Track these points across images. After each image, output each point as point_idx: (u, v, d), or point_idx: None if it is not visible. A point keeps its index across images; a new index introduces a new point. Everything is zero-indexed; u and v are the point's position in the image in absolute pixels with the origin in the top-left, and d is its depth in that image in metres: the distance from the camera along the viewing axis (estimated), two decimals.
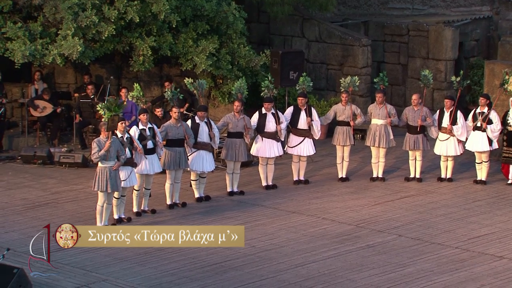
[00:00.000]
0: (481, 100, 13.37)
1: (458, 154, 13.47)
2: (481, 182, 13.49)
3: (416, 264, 10.17)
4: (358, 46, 16.74)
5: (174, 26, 14.88)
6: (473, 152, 13.54)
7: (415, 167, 13.64)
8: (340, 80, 13.88)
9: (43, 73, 16.29)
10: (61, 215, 11.99)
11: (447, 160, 13.58)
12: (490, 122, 13.23)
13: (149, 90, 16.45)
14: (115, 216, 11.52)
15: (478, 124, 13.28)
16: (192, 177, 12.54)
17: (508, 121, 13.29)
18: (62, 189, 13.24)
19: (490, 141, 13.26)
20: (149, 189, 12.04)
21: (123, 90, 14.81)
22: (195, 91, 13.02)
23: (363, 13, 18.81)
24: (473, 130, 13.34)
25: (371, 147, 13.63)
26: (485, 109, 13.26)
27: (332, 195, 13.01)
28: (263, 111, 13.09)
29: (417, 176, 13.69)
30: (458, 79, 13.51)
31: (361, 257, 10.44)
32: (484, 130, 13.22)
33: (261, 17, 17.79)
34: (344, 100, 13.54)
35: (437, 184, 13.58)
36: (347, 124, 13.52)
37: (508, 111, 13.34)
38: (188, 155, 12.32)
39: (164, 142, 12.07)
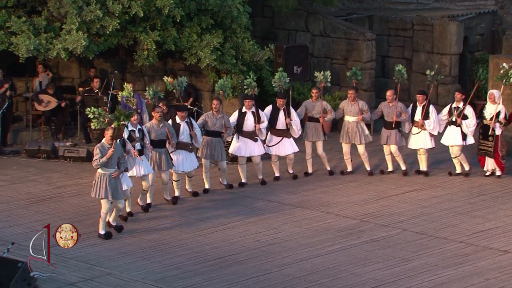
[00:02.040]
0: (457, 95, 13.40)
1: (428, 148, 13.43)
2: (460, 174, 13.42)
3: (420, 258, 10.12)
4: (362, 41, 16.67)
5: (178, 20, 14.80)
6: (448, 147, 13.52)
7: (391, 161, 13.63)
8: (315, 75, 13.75)
9: (47, 65, 16.17)
10: (66, 209, 11.94)
11: (426, 153, 13.53)
12: (465, 117, 13.24)
13: (154, 84, 16.42)
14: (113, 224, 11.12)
15: (454, 119, 13.27)
16: (174, 177, 12.28)
17: (484, 115, 13.28)
18: (67, 183, 13.20)
19: (464, 136, 13.25)
20: (146, 191, 11.74)
21: (129, 85, 14.69)
22: (174, 90, 12.89)
23: (368, 7, 18.75)
24: (449, 125, 13.35)
25: (342, 144, 13.58)
26: (461, 104, 13.27)
27: (336, 189, 12.97)
28: (243, 109, 12.91)
29: (403, 168, 13.56)
30: (432, 73, 13.48)
31: (365, 251, 10.38)
32: (459, 125, 13.23)
33: (266, 11, 17.70)
34: (314, 96, 13.43)
35: (442, 178, 13.52)
36: (317, 120, 13.41)
37: (486, 104, 13.35)
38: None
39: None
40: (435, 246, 10.56)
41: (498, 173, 13.45)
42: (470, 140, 13.36)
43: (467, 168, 13.55)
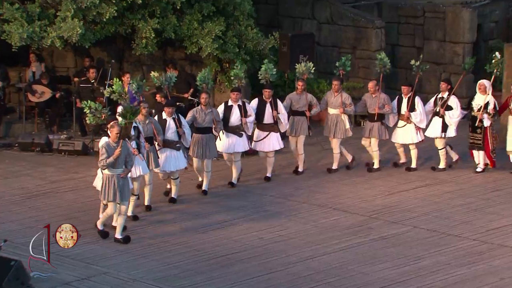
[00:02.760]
0: (442, 85, 13.20)
1: (415, 142, 13.17)
2: (439, 169, 13.15)
3: (432, 257, 9.96)
4: (371, 28, 16.51)
5: (178, 7, 14.62)
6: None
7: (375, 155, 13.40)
8: (295, 66, 13.38)
9: (42, 54, 16.03)
10: (61, 205, 11.85)
11: (402, 147, 13.27)
12: (449, 108, 13.01)
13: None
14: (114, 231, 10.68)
15: (437, 110, 13.10)
16: (160, 176, 11.94)
17: (472, 106, 13.08)
18: (62, 178, 13.10)
19: (445, 128, 12.98)
20: (136, 194, 11.31)
21: (127, 75, 14.48)
22: (161, 86, 12.46)
23: None
24: (433, 117, 13.18)
25: (329, 139, 13.29)
26: (446, 95, 13.08)
27: (344, 185, 12.81)
28: (229, 102, 12.48)
29: (375, 166, 13.23)
30: (418, 63, 13.28)
31: (374, 249, 10.23)
32: (441, 116, 13.01)
33: None
34: (299, 88, 13.04)
35: (454, 173, 13.29)
36: (301, 113, 13.02)
37: (475, 95, 13.16)
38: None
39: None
40: (447, 244, 10.38)
41: (478, 169, 13.06)
42: (451, 133, 13.07)
43: (443, 164, 13.18)
